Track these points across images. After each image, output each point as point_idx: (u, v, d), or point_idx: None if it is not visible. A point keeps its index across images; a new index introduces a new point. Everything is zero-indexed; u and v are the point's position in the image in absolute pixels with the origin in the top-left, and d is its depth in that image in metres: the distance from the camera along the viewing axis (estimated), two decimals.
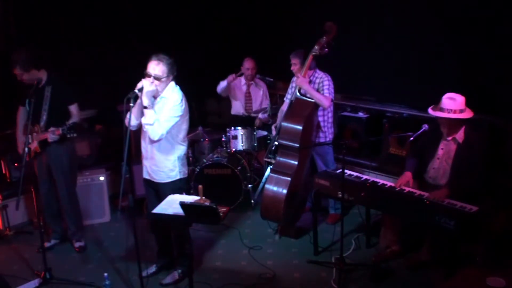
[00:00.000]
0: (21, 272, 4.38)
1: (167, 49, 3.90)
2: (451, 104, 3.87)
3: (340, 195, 4.13)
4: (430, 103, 4.09)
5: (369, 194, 4.12)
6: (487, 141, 4.43)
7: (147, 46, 5.44)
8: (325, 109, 4.79)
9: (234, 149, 5.52)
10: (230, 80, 5.94)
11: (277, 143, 4.76)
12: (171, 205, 3.45)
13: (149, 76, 3.71)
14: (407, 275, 4.12)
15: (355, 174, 4.46)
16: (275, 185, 4.58)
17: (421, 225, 4.05)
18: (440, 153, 4.10)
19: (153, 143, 3.85)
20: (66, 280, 4.18)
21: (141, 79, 3.70)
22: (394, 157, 5.42)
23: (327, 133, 4.90)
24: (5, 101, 5.18)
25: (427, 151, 4.19)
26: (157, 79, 3.71)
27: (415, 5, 5.17)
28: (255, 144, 5.53)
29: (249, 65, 5.94)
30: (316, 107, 4.70)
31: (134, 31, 5.92)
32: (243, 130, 5.50)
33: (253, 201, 5.53)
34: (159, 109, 3.77)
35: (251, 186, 5.59)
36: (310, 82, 4.76)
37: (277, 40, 6.50)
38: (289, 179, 4.54)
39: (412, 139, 4.14)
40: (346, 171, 4.21)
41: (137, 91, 3.61)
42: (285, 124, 4.62)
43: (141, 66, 3.79)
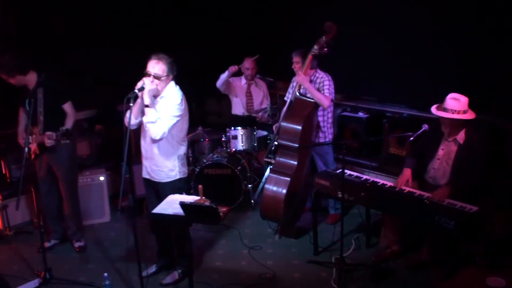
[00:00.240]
0: (21, 272, 4.38)
1: (167, 49, 3.90)
2: (455, 104, 3.86)
3: (340, 195, 4.13)
4: (430, 103, 4.08)
5: (369, 194, 4.12)
6: (487, 141, 4.43)
7: (147, 46, 5.44)
8: (325, 109, 4.80)
9: (234, 149, 5.52)
10: (232, 70, 5.78)
11: (276, 143, 4.76)
12: (171, 205, 3.45)
13: (149, 75, 3.71)
14: (407, 275, 4.12)
15: (355, 174, 4.45)
16: (274, 185, 4.58)
17: (421, 225, 4.05)
18: (440, 153, 4.10)
19: (153, 143, 3.85)
20: (66, 280, 4.18)
21: (140, 79, 3.70)
22: (394, 157, 5.42)
23: (327, 133, 4.90)
24: (5, 101, 5.17)
25: (427, 151, 4.18)
26: (157, 78, 3.72)
27: (415, 5, 5.17)
28: (255, 144, 5.53)
29: (249, 65, 5.93)
30: (316, 107, 4.70)
31: (134, 31, 5.92)
32: (243, 130, 5.50)
33: (253, 201, 5.53)
34: (160, 108, 3.77)
35: (251, 186, 5.58)
36: (311, 81, 4.76)
37: (277, 40, 6.49)
38: (288, 179, 4.54)
39: (412, 139, 4.14)
40: (346, 171, 4.21)
41: (137, 91, 3.61)
42: (284, 124, 4.62)
43: (141, 66, 3.79)
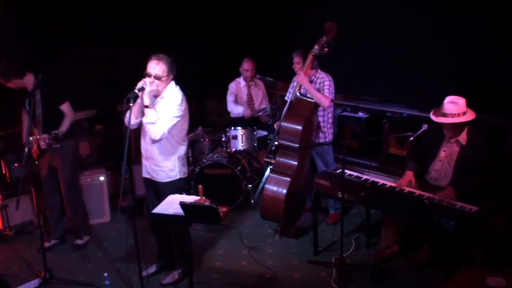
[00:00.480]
0: (21, 272, 4.38)
1: (167, 49, 3.90)
2: (454, 108, 3.83)
3: (340, 195, 4.12)
4: (430, 103, 4.08)
5: (369, 194, 4.11)
6: (488, 141, 4.42)
7: (147, 46, 5.43)
8: (325, 109, 4.80)
9: (234, 149, 5.52)
10: (248, 113, 5.86)
11: (277, 143, 4.76)
12: (171, 205, 3.45)
13: (149, 75, 3.71)
14: (407, 275, 4.12)
15: (355, 174, 4.45)
16: (275, 185, 4.58)
17: (421, 225, 4.05)
18: (442, 154, 4.08)
19: (154, 143, 3.85)
20: (66, 280, 4.19)
21: (140, 79, 3.70)
22: (394, 157, 5.43)
23: (327, 133, 4.90)
24: (5, 101, 5.18)
25: (428, 152, 4.17)
26: (157, 78, 3.72)
27: (415, 5, 5.17)
28: (255, 144, 5.53)
29: (248, 67, 5.90)
30: (316, 107, 4.70)
31: (134, 31, 5.92)
32: (243, 130, 5.50)
33: (253, 201, 5.52)
34: (160, 109, 3.77)
35: (251, 186, 5.58)
36: (311, 81, 4.76)
37: (277, 40, 6.49)
38: (288, 179, 4.54)
39: (412, 139, 4.14)
40: (346, 171, 4.21)
41: (137, 91, 3.61)
42: (285, 124, 4.62)
43: (141, 66, 3.79)
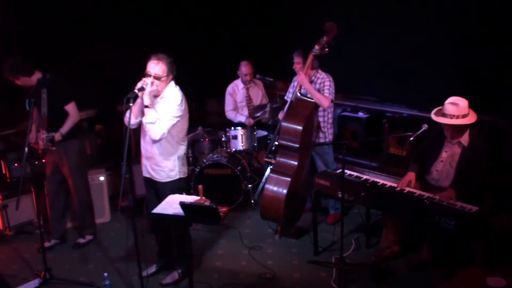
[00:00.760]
0: (21, 272, 4.38)
1: (167, 49, 3.90)
2: (454, 109, 3.81)
3: (340, 195, 4.12)
4: (430, 103, 4.08)
5: (369, 194, 4.11)
6: (488, 141, 4.42)
7: (147, 46, 5.43)
8: (325, 110, 4.79)
9: (234, 149, 5.52)
10: (250, 122, 5.80)
11: (277, 143, 4.76)
12: (171, 205, 3.45)
13: (149, 75, 3.71)
14: (407, 275, 4.12)
15: (355, 174, 4.45)
16: (275, 185, 4.58)
17: (421, 225, 4.04)
18: (444, 155, 4.07)
19: (154, 143, 3.85)
20: (66, 280, 4.19)
21: (140, 79, 3.70)
22: (394, 157, 5.43)
23: (327, 133, 4.90)
24: (5, 101, 5.18)
25: (429, 153, 4.17)
26: (157, 78, 3.72)
27: (415, 5, 5.17)
28: (255, 144, 5.53)
29: (246, 71, 5.85)
30: (316, 107, 4.70)
31: (134, 31, 5.92)
32: (243, 130, 5.50)
33: (253, 201, 5.53)
34: (160, 109, 3.77)
35: (251, 186, 5.58)
36: (311, 82, 4.76)
37: (277, 39, 6.49)
38: (289, 179, 4.54)
39: (412, 139, 4.14)
40: (346, 171, 4.21)
41: (136, 91, 3.61)
42: (285, 124, 4.62)
43: (141, 66, 3.79)
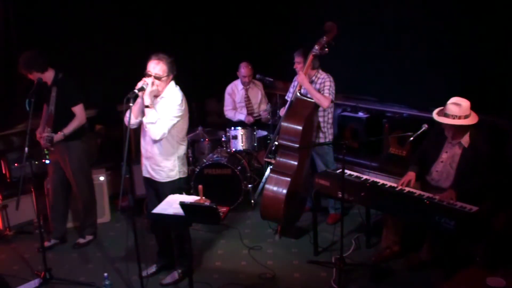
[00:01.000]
0: (21, 272, 4.38)
1: (167, 48, 3.89)
2: (456, 110, 3.81)
3: (340, 195, 4.12)
4: (430, 103, 4.08)
5: (369, 194, 4.11)
6: (489, 142, 4.42)
7: (147, 45, 5.44)
8: (325, 110, 4.79)
9: (234, 149, 5.52)
10: (249, 121, 5.87)
11: (277, 143, 4.76)
12: (171, 205, 3.45)
13: (149, 75, 3.71)
14: (407, 275, 4.12)
15: (355, 174, 4.45)
16: (275, 185, 4.58)
17: (421, 225, 4.04)
18: (444, 156, 4.07)
19: (154, 143, 3.85)
20: (66, 280, 4.18)
21: (141, 79, 3.70)
22: (394, 157, 5.42)
23: (327, 134, 4.90)
24: (6, 101, 5.18)
25: (430, 153, 4.17)
26: (158, 78, 3.72)
27: (415, 5, 5.17)
28: (255, 144, 5.53)
29: (245, 73, 5.86)
30: (316, 107, 4.70)
31: (134, 31, 5.92)
32: (243, 130, 5.50)
33: (253, 201, 5.53)
34: (160, 109, 3.77)
35: (251, 186, 5.58)
36: (312, 82, 4.76)
37: (277, 39, 6.49)
38: (289, 179, 4.54)
39: (412, 139, 4.14)
40: (346, 171, 4.20)
41: (136, 91, 3.61)
42: (285, 124, 4.62)
43: (141, 66, 3.79)
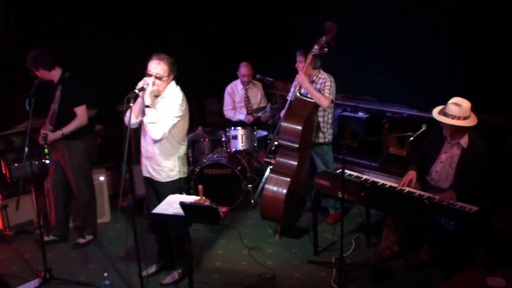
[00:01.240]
0: (21, 272, 4.38)
1: (167, 48, 3.89)
2: (456, 110, 3.81)
3: (340, 195, 4.12)
4: (430, 103, 4.07)
5: (369, 194, 4.11)
6: (488, 142, 4.42)
7: (148, 45, 5.42)
8: (325, 110, 4.79)
9: (234, 149, 5.52)
10: (249, 120, 5.92)
11: (276, 143, 4.76)
12: (171, 205, 3.45)
13: (150, 75, 3.71)
14: (407, 275, 4.12)
15: (355, 174, 4.45)
16: (274, 186, 4.58)
17: (421, 225, 4.04)
18: (443, 156, 4.07)
19: (154, 142, 3.85)
20: (66, 280, 4.18)
21: (141, 79, 3.70)
22: (394, 157, 5.42)
23: (327, 134, 4.90)
24: (6, 101, 5.18)
25: (429, 153, 4.17)
26: (158, 78, 3.72)
27: (415, 5, 5.17)
28: (255, 144, 5.53)
29: (245, 72, 5.92)
30: (316, 107, 4.70)
31: (134, 31, 5.92)
32: (243, 130, 5.50)
33: (253, 201, 5.52)
34: (160, 108, 3.77)
35: (251, 186, 5.58)
36: (313, 82, 4.76)
37: (277, 39, 6.49)
38: (289, 179, 4.54)
39: (412, 139, 4.14)
40: (346, 171, 4.21)
41: (137, 91, 3.61)
42: (284, 124, 4.62)
43: (142, 66, 3.79)
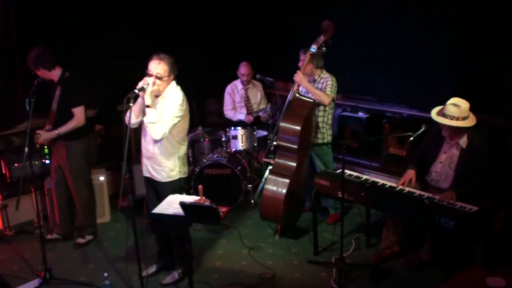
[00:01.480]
0: (21, 272, 4.38)
1: (167, 48, 3.89)
2: (454, 111, 3.81)
3: (340, 195, 4.12)
4: (430, 103, 4.07)
5: (369, 194, 4.11)
6: (488, 142, 4.42)
7: (148, 45, 5.42)
8: (326, 110, 4.79)
9: (234, 149, 5.52)
10: (249, 120, 5.92)
11: (275, 143, 4.75)
12: (171, 205, 3.45)
13: (150, 75, 3.71)
14: (407, 275, 4.12)
15: (355, 174, 4.45)
16: (274, 186, 4.58)
17: (421, 225, 4.04)
18: (442, 157, 4.07)
19: (155, 142, 3.85)
20: (66, 280, 4.18)
21: (141, 79, 3.70)
22: (394, 157, 5.42)
23: (326, 134, 4.89)
24: (5, 101, 5.18)
25: (429, 153, 4.17)
26: (159, 78, 3.72)
27: (415, 5, 5.17)
28: (255, 144, 5.53)
29: (244, 71, 5.93)
30: (315, 107, 4.69)
31: (134, 31, 5.92)
32: (243, 130, 5.50)
33: (253, 201, 5.52)
34: (160, 108, 3.77)
35: (251, 186, 5.59)
36: (314, 81, 4.75)
37: (277, 39, 6.49)
38: (288, 180, 4.54)
39: (412, 139, 4.14)
40: (346, 171, 4.21)
41: (137, 91, 3.61)
42: (283, 124, 4.60)
43: (142, 66, 3.79)
